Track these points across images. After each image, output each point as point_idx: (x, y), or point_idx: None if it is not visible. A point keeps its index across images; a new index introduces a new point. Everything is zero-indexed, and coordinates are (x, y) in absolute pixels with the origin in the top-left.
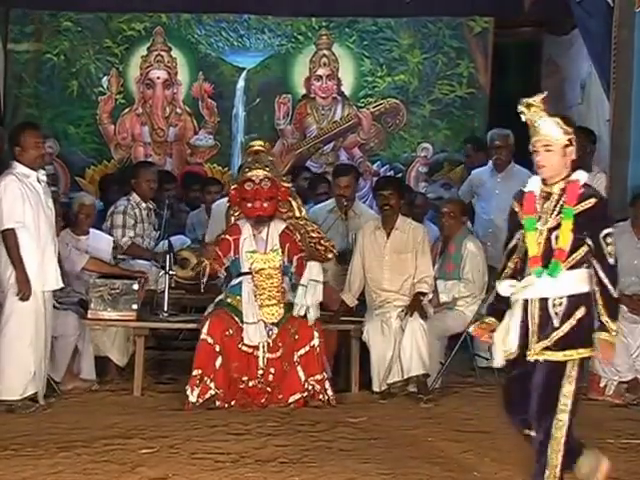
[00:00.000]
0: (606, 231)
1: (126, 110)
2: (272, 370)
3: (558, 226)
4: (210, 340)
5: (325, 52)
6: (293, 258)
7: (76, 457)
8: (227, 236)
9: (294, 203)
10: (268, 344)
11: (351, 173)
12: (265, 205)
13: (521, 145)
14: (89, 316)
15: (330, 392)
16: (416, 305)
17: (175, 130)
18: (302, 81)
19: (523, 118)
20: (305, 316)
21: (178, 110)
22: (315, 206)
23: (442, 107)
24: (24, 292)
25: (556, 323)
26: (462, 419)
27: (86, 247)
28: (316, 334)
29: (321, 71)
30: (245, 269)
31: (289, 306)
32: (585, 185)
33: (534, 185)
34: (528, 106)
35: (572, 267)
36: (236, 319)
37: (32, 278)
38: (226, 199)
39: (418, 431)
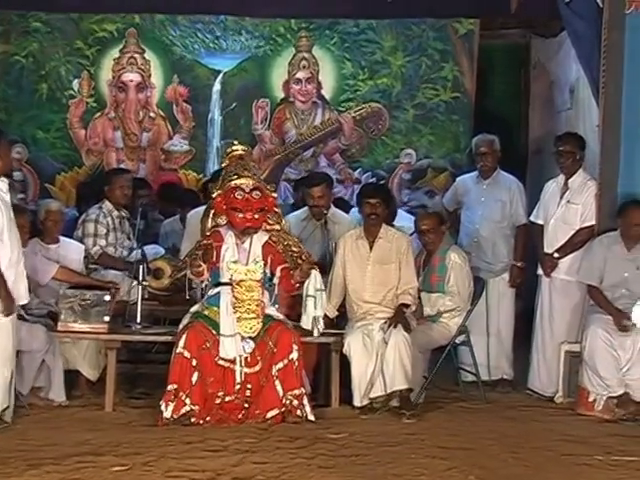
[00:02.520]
0: None
1: (98, 114)
2: (249, 385)
3: None
4: (187, 354)
5: (305, 54)
6: (277, 269)
7: (46, 475)
8: (211, 241)
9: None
10: (245, 358)
11: (324, 182)
12: (256, 217)
13: (507, 151)
14: (59, 328)
15: (308, 408)
16: (399, 317)
17: (149, 135)
18: (281, 84)
19: None
20: (311, 332)
21: (152, 114)
22: (287, 215)
23: (426, 112)
24: (9, 309)
25: None
26: (446, 435)
27: (56, 256)
28: (295, 347)
29: (300, 74)
30: (225, 279)
31: (267, 319)
32: None
33: None
34: None
35: None
36: (213, 332)
37: None
38: (201, 209)
39: (401, 447)
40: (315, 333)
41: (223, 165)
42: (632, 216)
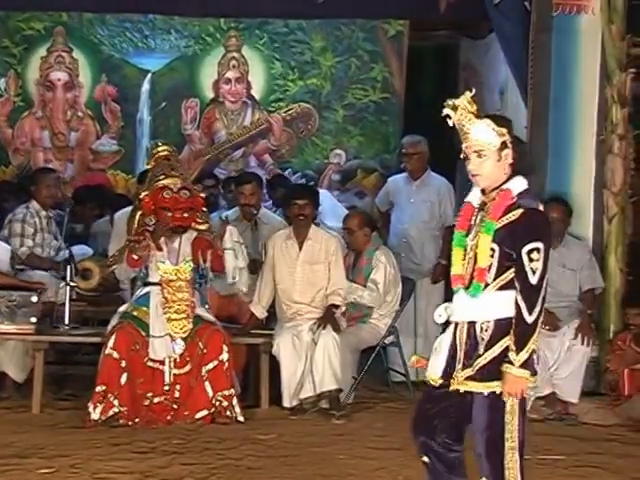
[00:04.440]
0: (532, 245)
1: (25, 113)
2: (178, 386)
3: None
4: (116, 355)
5: (234, 54)
6: (207, 253)
7: None
8: (147, 237)
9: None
10: (175, 359)
11: (254, 180)
12: (185, 215)
13: (436, 152)
14: None
15: (237, 409)
16: (329, 318)
17: (77, 135)
18: (210, 84)
19: (450, 122)
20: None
21: (80, 114)
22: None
23: (355, 112)
24: None
25: (481, 350)
26: (375, 435)
27: None
28: (225, 348)
29: (230, 74)
30: (154, 279)
31: (197, 320)
32: (522, 194)
33: (473, 195)
34: (454, 108)
35: (503, 288)
36: (142, 333)
37: None
38: (128, 209)
39: (330, 448)
40: (241, 286)
41: (149, 166)
42: (551, 210)
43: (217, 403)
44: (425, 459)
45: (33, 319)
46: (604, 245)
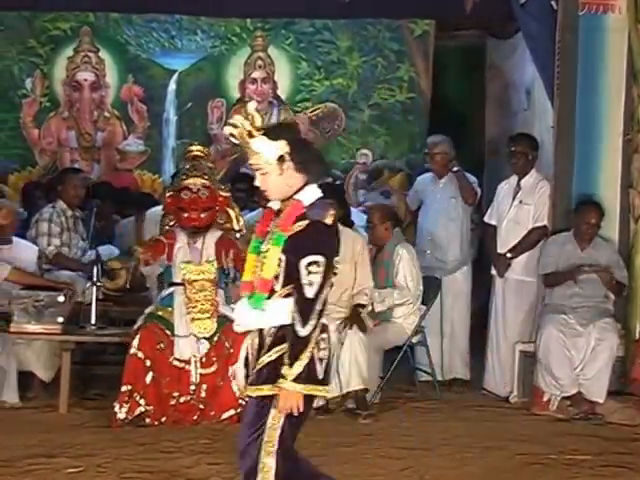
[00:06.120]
0: (311, 258)
1: (51, 114)
2: (204, 386)
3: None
4: (140, 355)
5: (260, 54)
6: (230, 253)
7: None
8: (162, 238)
9: (232, 213)
10: (201, 359)
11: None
12: (202, 215)
13: (463, 152)
14: (12, 329)
15: None
16: (355, 317)
17: (103, 135)
18: (236, 84)
19: (234, 141)
20: None
21: (106, 114)
22: (249, 214)
23: (382, 112)
24: None
25: (261, 355)
26: (402, 435)
27: (9, 257)
28: None
29: (256, 74)
30: (178, 279)
31: (222, 320)
32: (313, 204)
33: (274, 202)
34: (234, 126)
35: (289, 295)
36: (167, 332)
37: None
38: (158, 208)
39: (356, 448)
40: None
41: (180, 166)
42: (587, 215)
43: (244, 403)
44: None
45: (60, 319)
46: (630, 245)
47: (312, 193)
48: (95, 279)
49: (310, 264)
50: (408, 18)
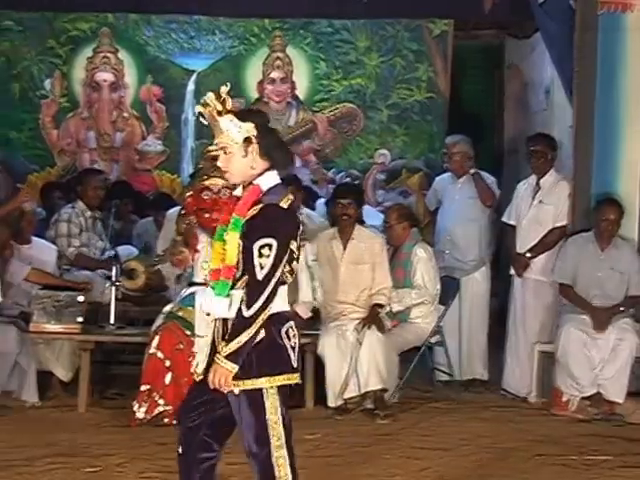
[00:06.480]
0: (264, 241)
1: (70, 114)
2: None
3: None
4: (160, 355)
5: (279, 54)
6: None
7: (17, 476)
8: (188, 250)
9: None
10: None
11: (292, 183)
12: (223, 216)
13: (482, 151)
14: (31, 329)
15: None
16: (373, 318)
17: (122, 135)
18: (255, 84)
19: (203, 120)
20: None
21: (125, 114)
22: None
23: (400, 112)
24: None
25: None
26: (420, 435)
27: (29, 257)
28: None
29: (275, 74)
30: (199, 279)
31: None
32: (271, 190)
33: (240, 189)
34: (205, 105)
35: None
36: (187, 332)
37: None
38: (178, 208)
39: (375, 448)
40: (316, 303)
41: (199, 166)
42: (606, 211)
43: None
44: (179, 450)
45: (79, 319)
46: None
47: (271, 179)
48: (114, 279)
49: (263, 247)
50: (427, 18)
